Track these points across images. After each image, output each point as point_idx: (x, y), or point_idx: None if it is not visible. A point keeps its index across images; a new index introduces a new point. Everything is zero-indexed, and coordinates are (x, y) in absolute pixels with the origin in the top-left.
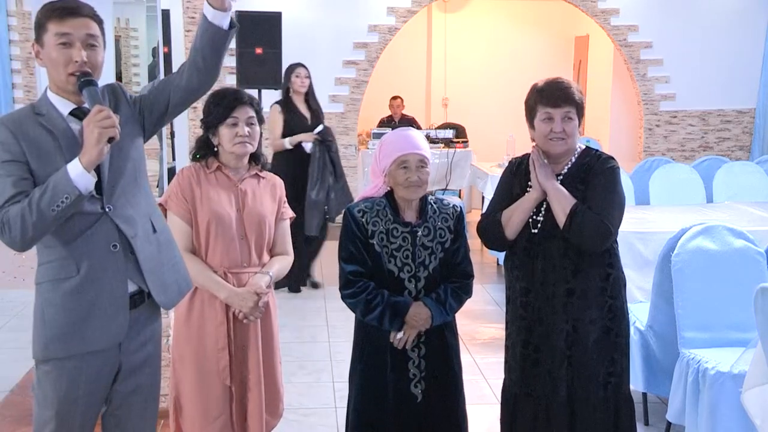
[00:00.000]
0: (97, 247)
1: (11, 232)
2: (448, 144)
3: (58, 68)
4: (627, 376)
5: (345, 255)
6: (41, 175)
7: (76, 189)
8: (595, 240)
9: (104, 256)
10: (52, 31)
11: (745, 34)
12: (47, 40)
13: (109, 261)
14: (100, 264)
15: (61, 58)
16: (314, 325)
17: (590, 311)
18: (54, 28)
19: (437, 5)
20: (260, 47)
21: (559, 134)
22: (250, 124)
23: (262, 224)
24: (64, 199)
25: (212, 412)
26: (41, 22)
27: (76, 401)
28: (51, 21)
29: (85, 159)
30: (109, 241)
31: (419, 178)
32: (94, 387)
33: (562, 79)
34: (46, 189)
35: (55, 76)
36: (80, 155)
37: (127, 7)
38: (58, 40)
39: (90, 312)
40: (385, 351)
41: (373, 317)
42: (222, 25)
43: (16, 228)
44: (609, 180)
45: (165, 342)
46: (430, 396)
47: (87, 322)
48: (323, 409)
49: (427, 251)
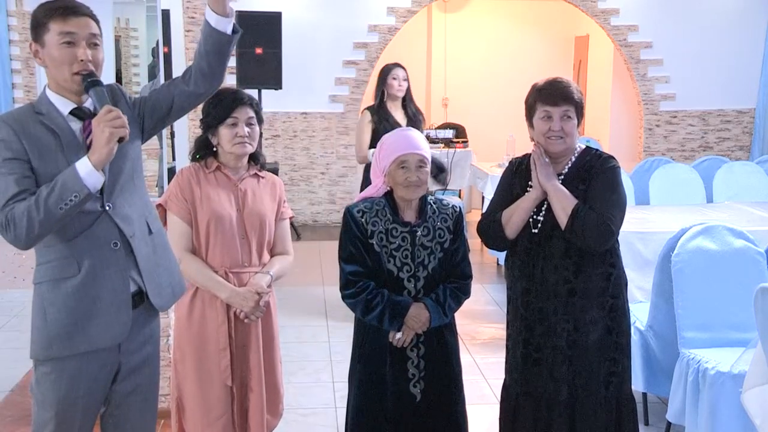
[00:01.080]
0: (98, 246)
1: (16, 229)
2: (448, 144)
3: (61, 67)
4: (629, 375)
5: (345, 255)
6: (42, 173)
7: (86, 187)
8: (597, 240)
9: (105, 254)
10: (56, 31)
11: (745, 34)
12: (49, 40)
13: (111, 259)
14: (102, 262)
15: (66, 57)
16: (314, 325)
17: (592, 311)
18: (57, 27)
19: (437, 5)
20: (260, 47)
21: (558, 132)
22: (249, 125)
23: (263, 224)
24: (72, 197)
25: (214, 412)
26: (41, 21)
27: (75, 402)
28: (53, 20)
29: (95, 158)
30: (109, 239)
31: (419, 178)
32: (93, 387)
33: (562, 79)
34: (54, 187)
35: (57, 75)
36: (89, 154)
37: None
38: (62, 39)
39: (93, 310)
40: (384, 351)
41: (372, 317)
42: (226, 30)
43: (21, 226)
44: (610, 180)
45: (165, 342)
46: (429, 396)
47: (90, 320)
48: (323, 409)
49: (427, 251)
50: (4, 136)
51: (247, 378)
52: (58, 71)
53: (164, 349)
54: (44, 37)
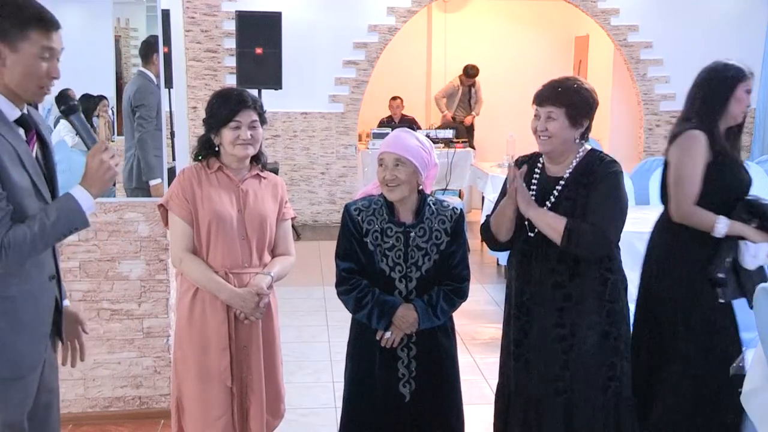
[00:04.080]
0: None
1: (13, 254)
2: (448, 144)
3: (31, 78)
4: (628, 379)
5: (340, 252)
6: (10, 186)
7: (87, 221)
8: (594, 251)
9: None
10: (38, 43)
11: (745, 34)
12: (26, 49)
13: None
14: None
15: (40, 71)
16: (314, 325)
17: (588, 315)
18: (39, 39)
19: (437, 5)
20: (260, 47)
21: (541, 132)
22: (252, 128)
23: (264, 224)
24: (74, 229)
25: (213, 413)
26: (20, 26)
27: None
28: (35, 31)
29: (96, 191)
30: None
31: (396, 176)
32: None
33: (560, 80)
34: (58, 218)
35: (20, 82)
36: (87, 186)
37: (127, 7)
38: (42, 53)
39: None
40: (374, 349)
41: (362, 315)
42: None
43: (23, 252)
44: (611, 187)
45: (165, 342)
46: (420, 396)
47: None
48: (323, 409)
49: (421, 252)
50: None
51: (248, 379)
52: (23, 80)
53: (165, 349)
54: (19, 43)
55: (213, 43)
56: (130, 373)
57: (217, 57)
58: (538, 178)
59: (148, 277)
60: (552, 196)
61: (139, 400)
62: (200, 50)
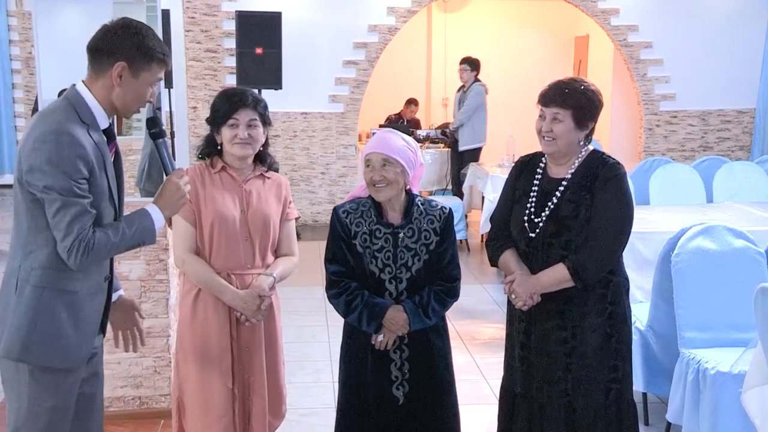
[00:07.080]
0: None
1: (89, 256)
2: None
3: (139, 102)
4: (629, 381)
5: (329, 255)
6: (94, 191)
7: (155, 240)
8: (603, 271)
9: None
10: (156, 73)
11: (745, 34)
12: (145, 77)
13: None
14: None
15: (146, 96)
16: (314, 325)
17: (590, 318)
18: (158, 70)
19: (437, 5)
20: (260, 47)
21: (546, 133)
22: (250, 126)
23: (267, 225)
24: (142, 244)
25: (214, 413)
26: (147, 58)
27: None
28: (158, 62)
29: (167, 213)
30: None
31: (383, 177)
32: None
33: (566, 80)
34: (135, 231)
35: (126, 103)
36: (161, 208)
37: (127, 7)
38: (155, 82)
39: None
40: (366, 352)
41: (352, 318)
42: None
43: (98, 254)
44: (614, 194)
45: (165, 342)
46: (413, 399)
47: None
48: (323, 410)
49: (411, 253)
50: (82, 153)
51: (250, 380)
52: (132, 102)
53: (165, 349)
54: (143, 72)
55: (213, 43)
56: (130, 373)
57: (217, 57)
58: (540, 179)
59: (148, 277)
60: (554, 197)
61: (139, 400)
62: (200, 50)
